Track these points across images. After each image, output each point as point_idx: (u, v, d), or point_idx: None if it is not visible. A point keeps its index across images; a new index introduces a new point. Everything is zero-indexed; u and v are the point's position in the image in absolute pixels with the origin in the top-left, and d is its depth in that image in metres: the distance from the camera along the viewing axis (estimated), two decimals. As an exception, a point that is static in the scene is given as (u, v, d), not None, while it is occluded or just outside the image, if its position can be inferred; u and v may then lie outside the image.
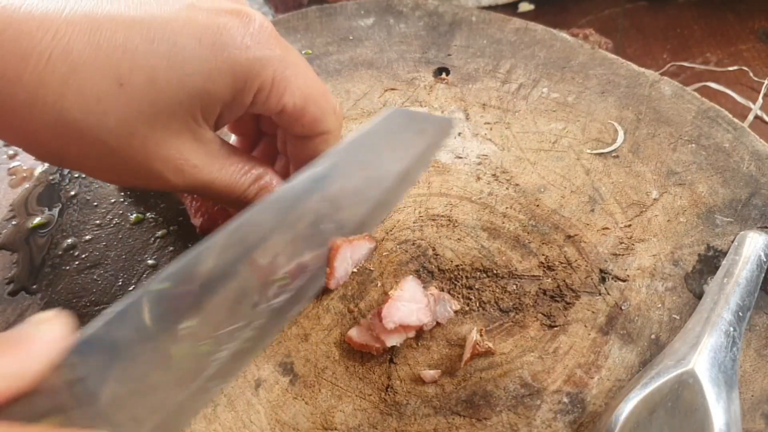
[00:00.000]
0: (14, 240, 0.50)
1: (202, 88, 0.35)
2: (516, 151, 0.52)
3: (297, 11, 0.68)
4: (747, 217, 0.46)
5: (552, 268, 0.45)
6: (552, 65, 0.59)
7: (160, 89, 0.34)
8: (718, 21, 0.72)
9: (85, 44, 0.32)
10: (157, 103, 0.34)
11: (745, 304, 0.40)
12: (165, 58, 0.33)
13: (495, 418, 0.38)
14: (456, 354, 0.41)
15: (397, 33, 0.64)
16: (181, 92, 0.34)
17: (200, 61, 0.34)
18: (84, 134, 0.34)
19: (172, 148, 0.36)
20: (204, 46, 0.34)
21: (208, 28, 0.35)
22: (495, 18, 0.64)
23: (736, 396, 0.36)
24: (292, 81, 0.37)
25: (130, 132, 0.34)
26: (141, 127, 0.34)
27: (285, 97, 0.38)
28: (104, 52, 0.32)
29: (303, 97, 0.38)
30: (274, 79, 0.37)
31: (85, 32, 0.32)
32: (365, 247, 0.45)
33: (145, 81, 0.33)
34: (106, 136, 0.34)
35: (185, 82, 0.34)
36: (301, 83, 0.38)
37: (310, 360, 0.42)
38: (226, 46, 0.35)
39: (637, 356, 0.40)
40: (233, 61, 0.35)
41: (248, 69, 0.35)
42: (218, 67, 0.35)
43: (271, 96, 0.37)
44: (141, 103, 0.34)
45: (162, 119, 0.35)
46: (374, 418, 0.39)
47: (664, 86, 0.56)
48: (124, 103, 0.33)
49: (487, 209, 0.49)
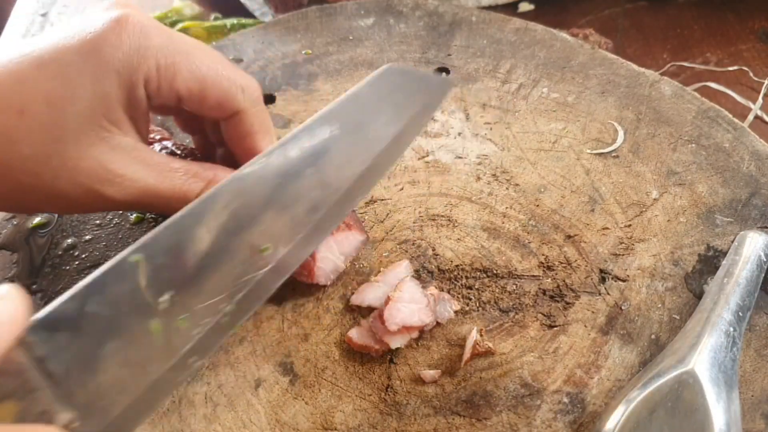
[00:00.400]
0: (14, 240, 0.50)
1: (94, 93, 0.36)
2: (516, 151, 0.52)
3: (297, 11, 0.68)
4: (747, 217, 0.46)
5: (552, 268, 0.45)
6: (552, 65, 0.59)
7: (58, 107, 0.35)
8: (718, 21, 0.72)
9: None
10: (59, 120, 0.36)
11: (745, 304, 0.40)
12: (57, 79, 0.36)
13: (495, 418, 0.38)
14: (456, 354, 0.41)
15: (397, 33, 0.64)
16: (77, 104, 0.36)
17: (84, 70, 0.36)
18: (6, 168, 0.36)
19: (92, 159, 0.37)
20: (84, 54, 0.36)
21: (85, 39, 0.37)
22: (495, 18, 0.64)
23: (736, 396, 0.36)
24: (182, 66, 0.38)
25: (47, 154, 0.36)
26: (53, 147, 0.36)
27: (177, 83, 0.39)
28: (5, 88, 0.35)
29: (197, 80, 0.39)
30: (159, 66, 0.38)
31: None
32: (354, 239, 0.45)
33: (42, 104, 0.35)
34: (25, 165, 0.36)
35: (76, 93, 0.36)
36: (194, 68, 0.39)
37: (310, 360, 0.42)
38: (102, 48, 0.36)
39: (637, 356, 0.40)
40: (111, 59, 0.36)
41: (128, 63, 0.37)
42: (100, 69, 0.36)
43: (161, 84, 0.38)
44: (45, 125, 0.35)
45: (70, 135, 0.36)
46: (374, 418, 0.39)
47: (664, 86, 0.56)
48: (29, 129, 0.35)
49: (487, 209, 0.49)
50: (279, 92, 0.59)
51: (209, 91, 0.40)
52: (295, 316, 0.44)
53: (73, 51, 0.36)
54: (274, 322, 0.44)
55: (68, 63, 0.36)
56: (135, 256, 0.32)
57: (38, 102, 0.35)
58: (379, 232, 0.48)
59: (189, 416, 0.40)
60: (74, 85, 0.36)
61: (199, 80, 0.39)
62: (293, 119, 0.57)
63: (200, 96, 0.40)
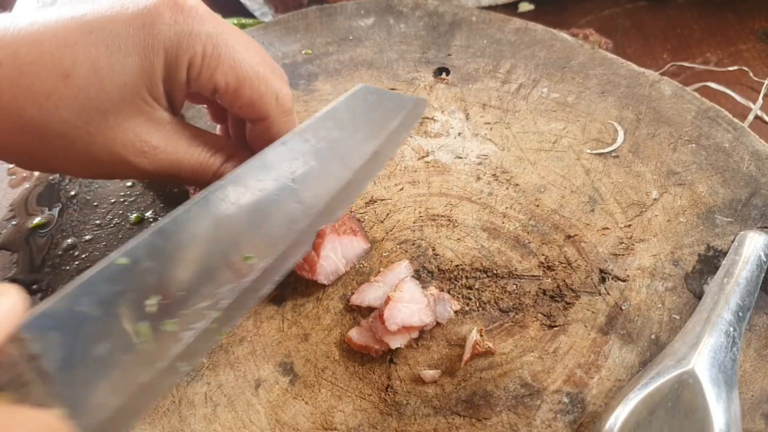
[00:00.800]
0: (14, 240, 0.50)
1: (141, 67, 0.37)
2: (516, 151, 0.52)
3: (297, 11, 0.68)
4: (747, 217, 0.46)
5: (552, 268, 0.45)
6: (552, 65, 0.59)
7: (104, 75, 0.36)
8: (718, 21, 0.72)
9: (29, 46, 0.35)
10: (104, 88, 0.36)
11: (745, 304, 0.40)
12: (104, 46, 0.36)
13: (495, 418, 0.38)
14: (456, 354, 0.41)
15: (397, 33, 0.64)
16: (123, 74, 0.36)
17: (134, 42, 0.36)
18: (42, 130, 0.36)
19: (129, 130, 0.37)
20: (135, 27, 0.36)
21: (138, 10, 0.37)
22: (495, 18, 0.64)
23: (736, 396, 0.36)
24: (225, 59, 0.39)
25: (85, 121, 0.36)
26: (94, 115, 0.36)
27: (217, 74, 0.39)
28: (47, 50, 0.35)
29: (237, 77, 0.39)
30: (204, 54, 0.38)
31: (28, 35, 0.35)
32: (357, 246, 0.45)
33: (89, 70, 0.35)
34: (63, 129, 0.36)
35: (124, 63, 0.36)
36: (236, 63, 0.39)
37: (310, 360, 0.42)
38: (155, 24, 0.37)
39: (637, 356, 0.40)
40: (163, 37, 0.37)
41: (177, 43, 0.37)
42: (150, 44, 0.37)
43: (202, 72, 0.39)
44: (89, 92, 0.36)
45: (112, 104, 0.36)
46: (374, 418, 0.39)
47: (664, 86, 0.56)
48: (73, 95, 0.35)
49: (487, 209, 0.49)
50: (279, 92, 0.59)
51: (245, 90, 0.40)
52: (295, 316, 0.44)
53: (125, 21, 0.36)
54: (274, 322, 0.44)
55: (118, 33, 0.36)
56: (122, 259, 0.32)
57: (84, 68, 0.35)
58: (379, 232, 0.48)
59: (189, 416, 0.40)
60: (122, 55, 0.36)
61: (238, 77, 0.39)
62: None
63: (235, 92, 0.40)
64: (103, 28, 0.36)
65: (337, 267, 0.44)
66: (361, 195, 0.50)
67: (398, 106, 0.47)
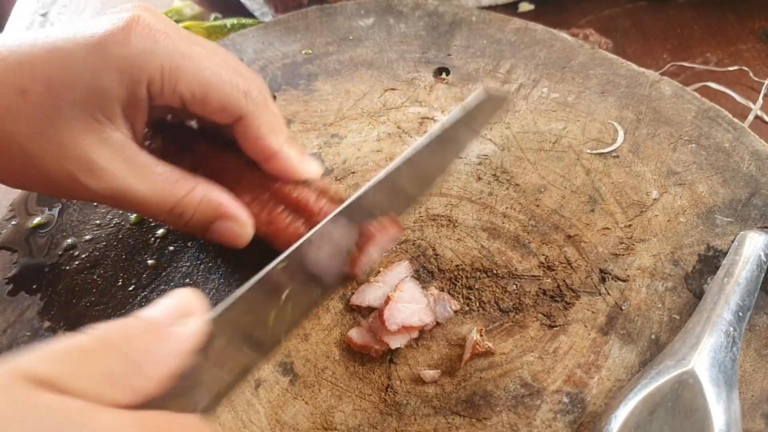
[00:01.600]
0: (14, 240, 0.50)
1: (92, 87, 0.38)
2: (516, 151, 0.52)
3: (297, 11, 0.68)
4: (747, 217, 0.46)
5: (552, 268, 0.45)
6: (552, 65, 0.59)
7: (57, 92, 0.37)
8: (718, 21, 0.72)
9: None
10: (56, 105, 0.37)
11: (745, 304, 0.40)
12: (59, 64, 0.37)
13: (495, 418, 0.38)
14: (456, 354, 0.41)
15: (397, 33, 0.64)
16: (73, 92, 0.37)
17: (86, 62, 0.37)
18: (4, 144, 0.38)
19: (78, 148, 0.38)
20: (89, 48, 0.38)
21: (94, 34, 0.38)
22: (495, 18, 0.64)
23: (736, 396, 0.36)
24: (186, 70, 0.39)
25: (39, 134, 0.38)
26: (48, 129, 0.38)
27: (180, 86, 0.39)
28: (10, 66, 0.37)
29: (200, 85, 0.39)
30: (163, 69, 0.38)
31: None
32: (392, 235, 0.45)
33: (44, 87, 0.37)
34: (21, 141, 0.38)
35: (75, 82, 0.37)
36: (198, 72, 0.39)
37: (310, 360, 0.42)
38: (107, 45, 0.38)
39: (637, 356, 0.40)
40: (116, 57, 0.38)
41: (131, 62, 0.38)
42: (103, 64, 0.38)
43: (164, 87, 0.39)
44: (43, 108, 0.37)
45: (63, 120, 0.38)
46: (374, 418, 0.39)
47: (664, 86, 0.56)
48: (31, 110, 0.37)
49: (487, 209, 0.49)
50: (279, 92, 0.59)
51: (211, 96, 0.40)
52: (295, 316, 0.44)
53: (80, 44, 0.38)
54: (274, 322, 0.44)
55: (72, 52, 0.37)
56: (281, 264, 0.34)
57: (40, 84, 0.37)
58: (379, 232, 0.48)
59: (189, 416, 0.40)
60: (74, 74, 0.37)
61: (202, 85, 0.39)
62: (293, 119, 0.57)
63: (202, 100, 0.40)
64: (62, 48, 0.38)
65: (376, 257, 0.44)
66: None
67: (494, 107, 0.48)
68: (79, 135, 0.38)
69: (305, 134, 0.55)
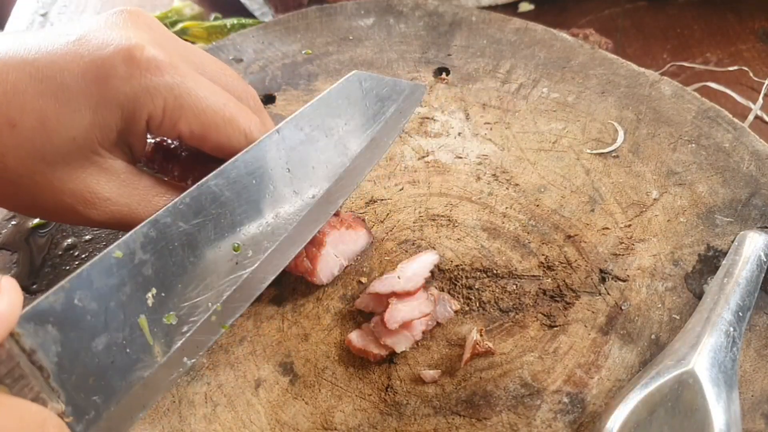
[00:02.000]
0: (14, 240, 0.50)
1: (91, 123, 0.35)
2: (516, 151, 0.52)
3: (297, 11, 0.68)
4: (747, 217, 0.46)
5: (552, 268, 0.45)
6: (552, 65, 0.59)
7: (51, 128, 0.34)
8: (718, 21, 0.72)
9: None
10: (50, 141, 0.35)
11: (745, 304, 0.40)
12: (53, 97, 0.34)
13: (495, 418, 0.38)
14: (456, 354, 0.41)
15: (397, 33, 0.64)
16: (72, 129, 0.35)
17: (85, 97, 0.35)
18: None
19: (78, 181, 0.36)
20: (88, 81, 0.35)
21: (92, 63, 0.35)
22: (495, 18, 0.64)
23: (736, 396, 0.36)
24: (188, 109, 0.37)
25: (31, 170, 0.35)
26: (40, 165, 0.35)
27: (180, 124, 0.38)
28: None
29: (201, 124, 0.38)
30: (166, 107, 0.37)
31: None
32: (359, 239, 0.45)
33: (36, 121, 0.34)
34: (8, 176, 0.35)
35: (73, 118, 0.35)
36: (200, 111, 0.38)
37: (310, 360, 0.42)
38: (109, 79, 0.35)
39: (637, 356, 0.40)
40: (117, 93, 0.35)
41: (133, 99, 0.36)
42: (104, 100, 0.35)
43: (164, 124, 0.37)
44: (34, 143, 0.34)
45: (59, 156, 0.35)
46: (374, 418, 0.39)
47: (664, 86, 0.56)
48: (19, 144, 0.34)
49: (487, 209, 0.49)
50: (279, 92, 0.59)
51: (211, 135, 0.39)
52: (295, 316, 0.44)
53: (76, 73, 0.35)
54: (274, 322, 0.44)
55: (68, 85, 0.35)
56: (117, 252, 0.32)
57: (31, 118, 0.34)
58: (379, 232, 0.48)
59: (189, 416, 0.40)
60: (72, 109, 0.35)
61: (203, 124, 0.38)
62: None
63: (201, 138, 0.39)
64: (54, 77, 0.34)
65: (340, 265, 0.44)
66: (361, 195, 0.50)
67: (395, 92, 0.46)
68: (77, 169, 0.36)
69: (305, 134, 0.55)
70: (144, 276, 0.32)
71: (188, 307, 0.33)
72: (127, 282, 0.31)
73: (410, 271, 0.43)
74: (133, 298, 0.31)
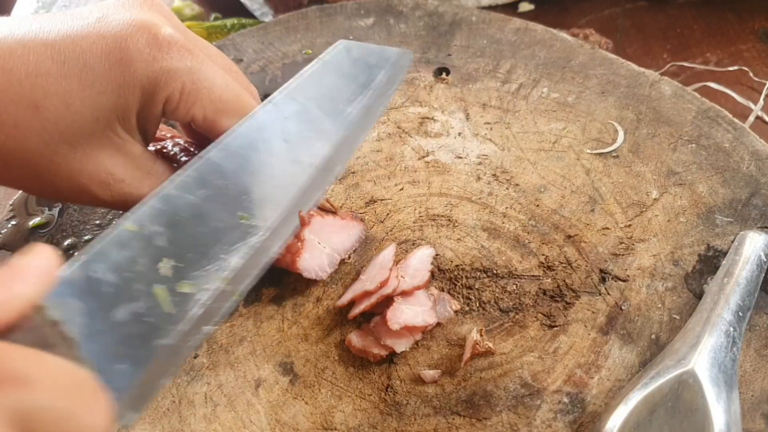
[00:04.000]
0: (14, 240, 0.50)
1: (115, 104, 0.36)
2: (516, 151, 0.52)
3: (297, 11, 0.68)
4: (747, 217, 0.46)
5: (552, 268, 0.45)
6: (552, 65, 0.59)
7: (76, 110, 0.35)
8: (718, 21, 0.72)
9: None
10: (75, 122, 0.35)
11: (745, 304, 0.40)
12: (77, 79, 0.34)
13: (495, 418, 0.38)
14: (456, 354, 0.41)
15: (397, 33, 0.64)
16: (96, 110, 0.35)
17: (109, 78, 0.35)
18: (6, 158, 0.35)
19: (97, 162, 0.37)
20: (112, 62, 0.35)
21: (115, 43, 0.35)
22: (495, 18, 0.64)
23: (736, 396, 0.36)
24: (204, 94, 0.38)
25: (52, 151, 0.35)
26: (62, 147, 0.35)
27: (194, 108, 0.38)
28: (17, 78, 0.34)
29: (215, 110, 0.38)
30: (183, 90, 0.37)
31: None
32: (352, 232, 0.45)
33: (60, 103, 0.34)
34: (28, 156, 0.35)
35: (98, 99, 0.35)
36: (215, 97, 0.38)
37: (310, 360, 0.42)
38: (133, 61, 0.35)
39: (637, 356, 0.40)
40: (140, 74, 0.36)
41: (155, 81, 0.36)
42: (127, 81, 0.36)
43: (179, 106, 0.38)
44: (58, 125, 0.35)
45: (81, 137, 0.36)
46: (374, 418, 0.39)
47: (664, 86, 0.56)
48: (42, 126, 0.34)
49: (487, 209, 0.49)
50: (279, 92, 0.59)
51: (221, 121, 0.39)
52: (295, 316, 0.44)
53: (99, 54, 0.35)
54: (274, 322, 0.44)
55: (93, 67, 0.35)
56: (130, 225, 0.33)
57: (56, 100, 0.34)
58: (379, 232, 0.48)
59: (189, 416, 0.40)
60: (96, 91, 0.35)
61: (216, 110, 0.39)
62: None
63: (212, 123, 0.39)
64: (77, 59, 0.35)
65: (332, 259, 0.44)
66: (361, 195, 0.50)
67: (382, 59, 0.47)
68: (96, 149, 0.37)
69: (305, 134, 0.55)
70: (157, 247, 0.33)
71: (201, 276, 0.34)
72: (142, 253, 0.32)
73: (411, 268, 0.43)
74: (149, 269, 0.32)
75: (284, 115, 0.41)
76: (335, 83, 0.44)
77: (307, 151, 0.41)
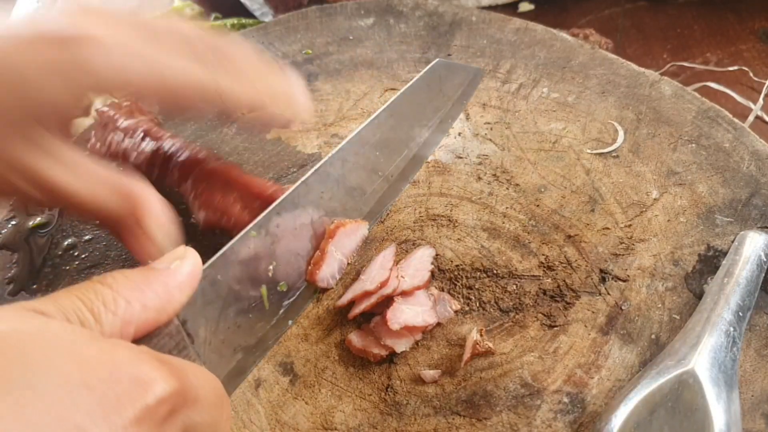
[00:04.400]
0: (14, 240, 0.50)
1: (34, 103, 0.36)
2: (516, 151, 0.52)
3: (297, 11, 0.68)
4: (747, 217, 0.46)
5: (552, 268, 0.45)
6: (552, 65, 0.59)
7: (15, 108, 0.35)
8: (718, 21, 0.72)
9: None
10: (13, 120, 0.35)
11: (745, 304, 0.40)
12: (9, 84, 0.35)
13: (495, 418, 0.38)
14: (456, 354, 0.41)
15: (397, 33, 0.64)
16: (11, 114, 0.35)
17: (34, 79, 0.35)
18: None
19: (23, 160, 0.37)
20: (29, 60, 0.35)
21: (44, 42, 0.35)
22: (495, 18, 0.64)
23: (736, 396, 0.36)
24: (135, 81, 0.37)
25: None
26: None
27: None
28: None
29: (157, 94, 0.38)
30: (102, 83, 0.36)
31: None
32: (358, 230, 0.46)
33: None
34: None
35: (13, 104, 0.35)
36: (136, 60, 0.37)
37: (310, 360, 0.42)
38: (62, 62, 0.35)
39: (637, 356, 0.40)
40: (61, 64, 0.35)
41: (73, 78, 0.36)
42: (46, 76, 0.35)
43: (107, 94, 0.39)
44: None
45: (2, 136, 0.36)
46: (374, 418, 0.39)
47: (664, 86, 0.56)
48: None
49: (487, 209, 0.49)
50: (279, 92, 0.59)
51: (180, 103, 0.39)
52: (295, 316, 0.44)
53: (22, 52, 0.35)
54: (274, 322, 0.44)
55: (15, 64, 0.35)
56: (252, 231, 0.38)
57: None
58: (380, 232, 0.48)
59: (189, 416, 0.40)
60: (13, 95, 0.35)
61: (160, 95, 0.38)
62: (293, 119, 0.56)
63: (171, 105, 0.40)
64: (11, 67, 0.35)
65: (341, 264, 0.45)
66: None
67: (462, 77, 0.53)
68: (19, 149, 0.36)
69: (305, 134, 0.55)
70: (269, 251, 0.38)
71: (293, 276, 0.40)
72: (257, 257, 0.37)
73: (411, 268, 0.43)
74: (259, 271, 0.38)
75: (383, 129, 0.47)
76: (424, 99, 0.50)
77: (389, 163, 0.48)
